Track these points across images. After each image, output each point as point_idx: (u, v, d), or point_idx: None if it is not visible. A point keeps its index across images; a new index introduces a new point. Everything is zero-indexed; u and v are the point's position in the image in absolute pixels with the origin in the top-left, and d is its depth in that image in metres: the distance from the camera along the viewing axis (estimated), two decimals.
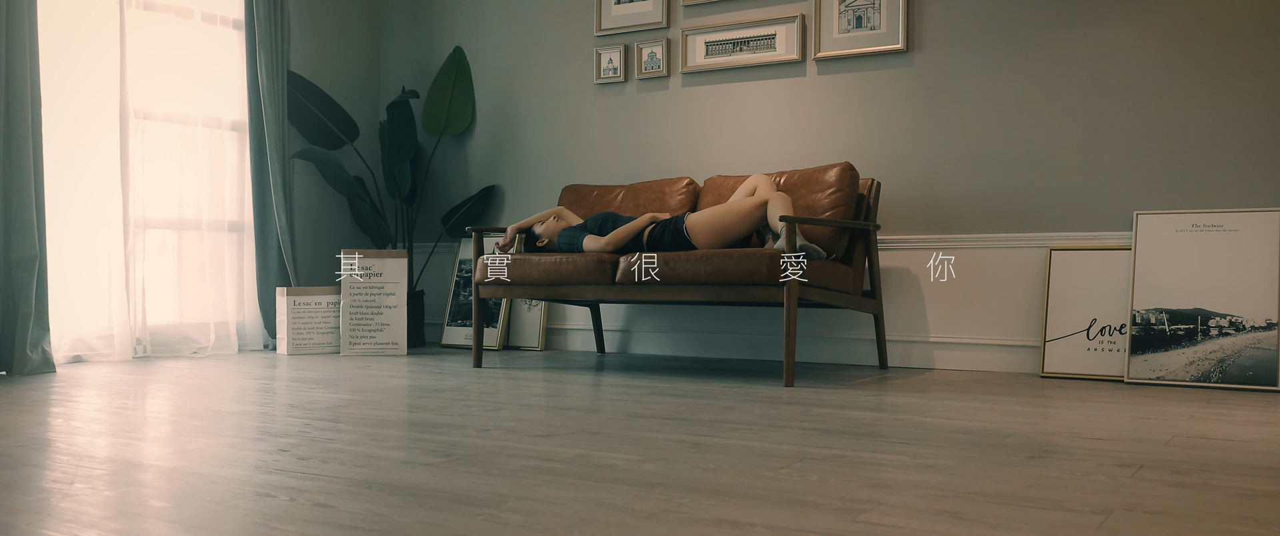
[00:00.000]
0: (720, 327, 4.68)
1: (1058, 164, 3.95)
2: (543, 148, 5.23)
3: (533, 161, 5.27)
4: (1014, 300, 4.02)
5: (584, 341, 5.08)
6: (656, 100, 4.88)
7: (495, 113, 5.40)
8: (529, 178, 5.28)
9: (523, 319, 5.18)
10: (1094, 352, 3.75)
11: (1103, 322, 3.76)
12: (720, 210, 3.87)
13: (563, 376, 3.84)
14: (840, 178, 4.01)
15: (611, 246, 3.97)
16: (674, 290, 3.72)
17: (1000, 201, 4.05)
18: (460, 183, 5.53)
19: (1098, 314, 3.77)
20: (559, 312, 5.17)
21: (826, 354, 4.41)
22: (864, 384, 3.61)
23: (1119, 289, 3.75)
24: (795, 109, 4.51)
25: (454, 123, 5.44)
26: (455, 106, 5.45)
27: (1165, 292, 3.64)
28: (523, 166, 5.30)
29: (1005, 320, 4.03)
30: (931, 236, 4.19)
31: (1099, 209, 3.87)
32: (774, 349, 4.54)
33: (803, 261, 3.53)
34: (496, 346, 5.11)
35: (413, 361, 4.48)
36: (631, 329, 4.94)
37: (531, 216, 4.38)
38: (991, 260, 4.06)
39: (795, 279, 3.49)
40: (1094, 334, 3.77)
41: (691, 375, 3.87)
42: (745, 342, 4.61)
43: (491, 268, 4.14)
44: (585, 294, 3.94)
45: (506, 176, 5.36)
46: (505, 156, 5.37)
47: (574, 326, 5.11)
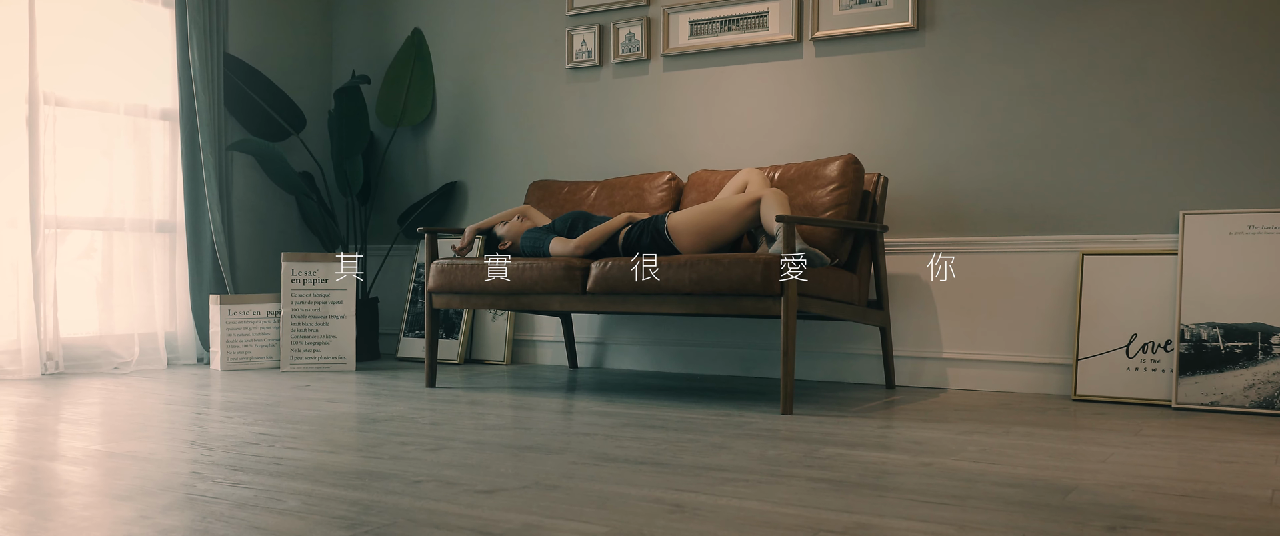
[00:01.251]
0: (706, 340, 4.19)
1: (1091, 157, 3.47)
2: (509, 140, 4.73)
3: (498, 155, 4.76)
4: (1040, 312, 3.54)
5: (555, 354, 4.58)
6: (635, 87, 4.38)
7: (457, 101, 4.89)
8: (494, 173, 4.77)
9: (487, 329, 4.67)
10: (1135, 373, 3.28)
11: (1145, 338, 3.28)
12: (706, 209, 3.38)
13: (526, 400, 3.33)
14: (843, 172, 3.52)
15: (582, 250, 3.47)
16: (653, 301, 3.22)
17: (1024, 199, 3.58)
18: (418, 178, 5.02)
19: (1138, 328, 3.30)
20: (527, 323, 4.67)
21: (825, 370, 3.92)
22: (872, 409, 3.13)
23: (1163, 300, 3.28)
24: (790, 95, 4.02)
25: (412, 112, 4.93)
26: (413, 94, 4.93)
27: (1218, 304, 3.16)
28: (487, 161, 4.79)
29: (1030, 335, 3.55)
30: (944, 239, 3.71)
31: (1139, 208, 3.40)
32: (767, 364, 4.05)
33: (802, 264, 3.03)
34: (457, 360, 4.59)
35: (360, 379, 3.96)
36: (607, 341, 4.44)
37: (493, 216, 3.88)
38: (1014, 266, 3.59)
39: (794, 289, 2.99)
40: (1134, 351, 3.29)
41: (674, 397, 3.38)
42: (734, 357, 4.11)
43: (446, 274, 3.63)
44: (552, 305, 3.43)
45: (469, 172, 4.85)
46: (468, 150, 4.86)
47: (544, 338, 4.61)
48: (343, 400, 3.32)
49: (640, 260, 3.21)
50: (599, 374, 4.18)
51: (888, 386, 3.71)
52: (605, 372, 4.23)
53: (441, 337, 4.68)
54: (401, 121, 4.92)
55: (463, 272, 3.59)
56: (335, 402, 3.25)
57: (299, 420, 2.87)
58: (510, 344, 4.60)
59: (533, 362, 4.63)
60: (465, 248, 3.81)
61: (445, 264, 3.65)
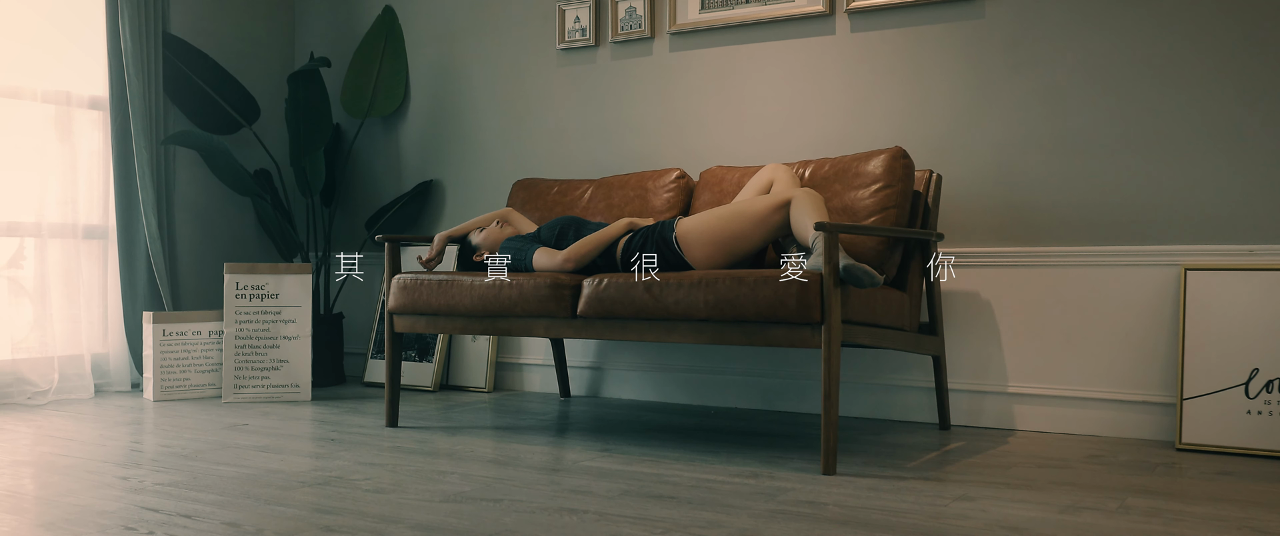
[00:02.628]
0: (720, 366, 3.56)
1: (1196, 150, 2.84)
2: (493, 133, 4.10)
3: (481, 150, 4.13)
4: (1129, 339, 2.91)
5: (545, 380, 3.96)
6: (637, 70, 3.75)
7: (434, 89, 4.27)
8: (475, 171, 4.15)
9: (467, 351, 4.05)
10: (1259, 417, 2.65)
11: (1270, 373, 2.65)
12: (725, 213, 2.76)
13: (505, 448, 2.71)
14: (890, 169, 2.89)
15: (572, 263, 2.84)
16: (659, 329, 2.60)
17: (1109, 202, 2.95)
18: (390, 177, 4.40)
19: (1260, 361, 2.67)
20: (513, 344, 4.05)
21: (864, 405, 3.29)
22: (933, 464, 2.50)
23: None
24: (820, 79, 3.39)
25: (382, 102, 4.31)
26: (384, 81, 4.31)
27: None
28: (468, 157, 4.17)
29: (1117, 367, 2.92)
30: (1008, 249, 3.08)
31: (1257, 213, 2.77)
32: (793, 396, 3.42)
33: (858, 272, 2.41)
34: (432, 386, 3.97)
35: (314, 413, 3.34)
36: (604, 366, 3.81)
37: (468, 221, 3.26)
38: (1097, 283, 2.96)
39: (837, 315, 2.37)
40: (1256, 390, 2.66)
41: (685, 445, 2.75)
42: (753, 387, 3.49)
43: (409, 292, 3.01)
44: (535, 330, 2.81)
45: (448, 169, 4.23)
46: (446, 144, 4.23)
47: (532, 361, 3.99)
48: (281, 447, 2.70)
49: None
50: (595, 405, 3.55)
51: (941, 426, 3.08)
52: (602, 404, 3.60)
53: (413, 359, 4.06)
54: (370, 112, 4.30)
55: (429, 290, 2.97)
56: (269, 453, 2.63)
57: (210, 485, 2.25)
58: (493, 367, 3.97)
59: (519, 390, 4.01)
60: (434, 259, 3.19)
61: (408, 279, 3.02)
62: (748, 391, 3.50)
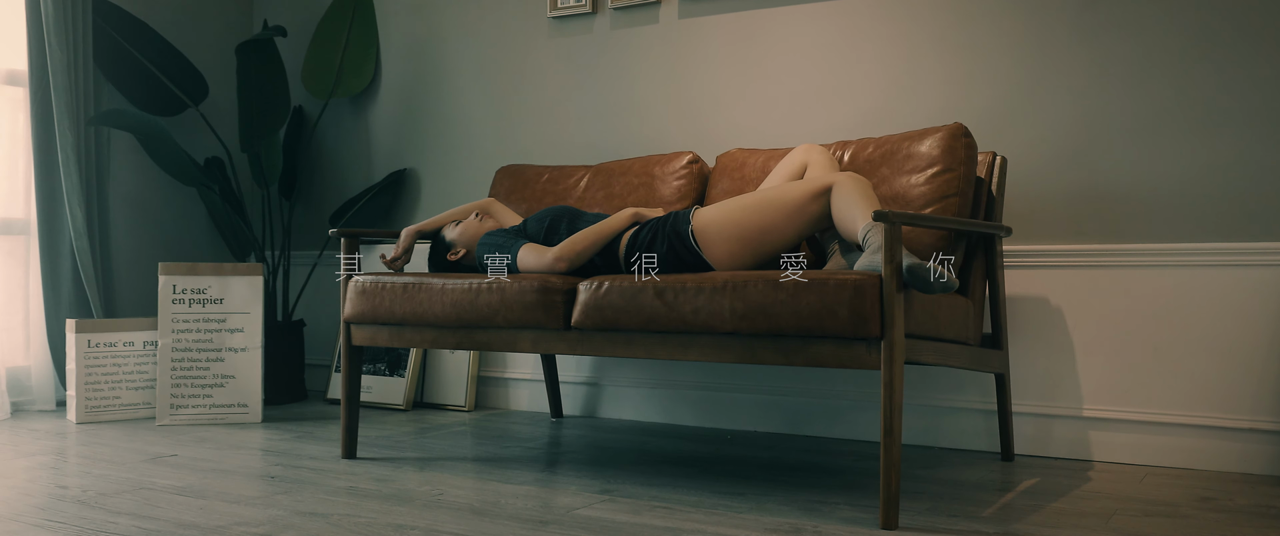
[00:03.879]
0: (736, 383, 3.06)
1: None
2: (475, 115, 3.60)
3: (461, 135, 3.63)
4: (1233, 354, 2.43)
5: (533, 397, 3.45)
6: (641, 40, 3.25)
7: (408, 66, 3.76)
8: (455, 158, 3.64)
9: (444, 364, 3.54)
10: None
11: None
12: (751, 202, 2.26)
13: (484, 485, 2.21)
14: (949, 150, 2.40)
15: (565, 262, 2.34)
16: (673, 344, 2.10)
17: (1207, 191, 2.46)
18: (358, 165, 3.89)
19: None
20: (497, 355, 3.54)
21: (910, 431, 2.80)
22: (1013, 512, 2.01)
23: None
24: (856, 47, 2.90)
25: (349, 80, 3.80)
26: (351, 57, 3.81)
27: None
28: (446, 142, 3.67)
29: (1217, 387, 2.44)
30: (1081, 247, 2.59)
31: None
32: (824, 418, 2.93)
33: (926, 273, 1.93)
34: (403, 404, 3.46)
35: (261, 439, 2.83)
36: (602, 381, 3.31)
37: (441, 214, 2.76)
38: (1191, 286, 2.47)
39: (900, 328, 1.88)
40: None
41: (701, 481, 2.25)
42: (775, 407, 2.99)
43: (369, 297, 2.51)
44: (520, 343, 2.31)
45: (423, 157, 3.72)
46: (421, 128, 3.73)
47: (518, 375, 3.48)
48: (206, 489, 2.19)
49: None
50: (591, 428, 3.05)
51: (1004, 457, 2.59)
52: (599, 427, 3.10)
53: (382, 373, 3.55)
54: (336, 92, 3.79)
55: (391, 294, 2.46)
56: (188, 498, 2.12)
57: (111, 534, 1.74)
58: (474, 382, 3.47)
59: (504, 408, 3.51)
60: (400, 258, 2.68)
61: (367, 283, 2.52)
62: (769, 412, 3.00)
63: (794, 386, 2.96)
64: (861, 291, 1.87)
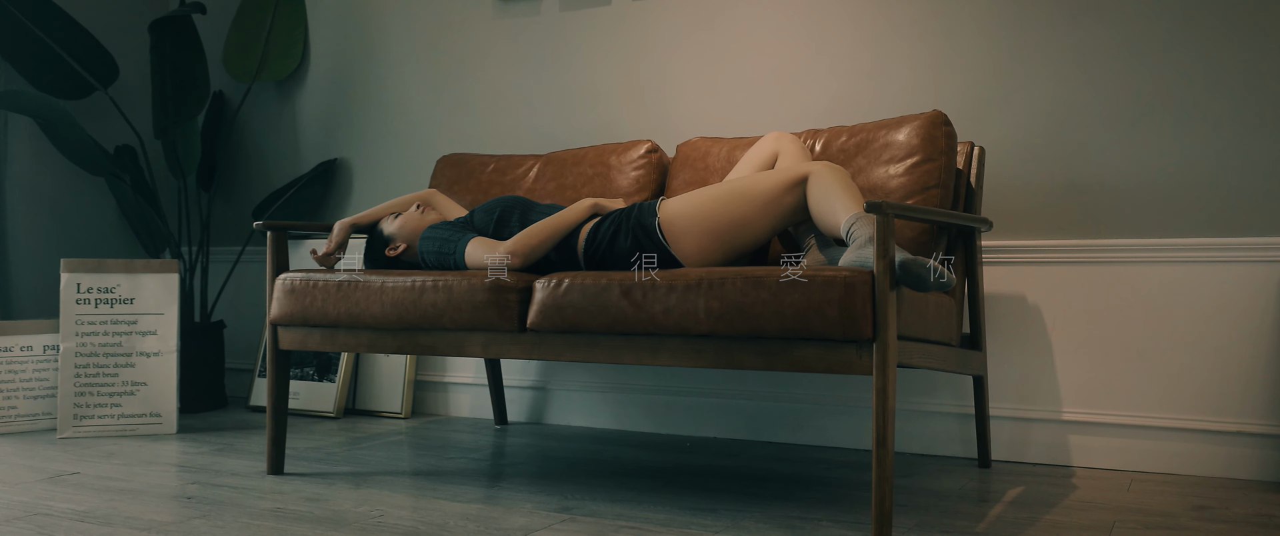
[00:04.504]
0: (694, 387, 2.89)
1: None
2: (414, 101, 3.36)
3: (398, 123, 3.39)
4: (1220, 354, 2.32)
5: (475, 402, 3.24)
6: (592, 22, 3.06)
7: (339, 49, 3.51)
8: (391, 147, 3.40)
9: (379, 367, 3.30)
10: None
11: None
12: (721, 194, 2.09)
13: (428, 504, 1.99)
14: (928, 139, 2.25)
15: (519, 258, 2.14)
16: (642, 347, 1.91)
17: (1192, 183, 2.36)
18: (285, 155, 3.62)
19: None
20: (434, 360, 3.32)
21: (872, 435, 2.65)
22: (1007, 525, 1.86)
23: None
24: (822, 32, 2.74)
25: (275, 63, 3.54)
26: (277, 38, 3.54)
27: None
28: (382, 130, 3.42)
29: (1204, 389, 2.33)
30: (1061, 242, 2.47)
31: None
32: (789, 425, 2.76)
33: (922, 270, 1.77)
34: (334, 412, 3.22)
35: (177, 453, 2.57)
36: (550, 385, 3.11)
37: (378, 206, 2.53)
38: (1176, 284, 2.36)
39: (893, 329, 1.72)
40: None
41: (668, 495, 2.07)
42: (734, 412, 2.82)
43: (298, 297, 2.27)
44: (469, 347, 2.10)
45: (356, 146, 3.47)
46: (354, 116, 3.48)
47: (459, 379, 3.26)
48: (112, 513, 1.94)
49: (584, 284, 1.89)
50: (540, 436, 2.85)
51: (981, 463, 2.46)
52: (549, 434, 2.90)
53: (311, 378, 3.30)
54: (260, 75, 3.52)
55: (324, 293, 2.23)
56: (91, 524, 1.87)
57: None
58: (411, 388, 3.24)
59: (443, 415, 3.28)
60: (334, 253, 2.45)
61: (297, 280, 2.28)
62: (729, 418, 2.83)
63: (755, 390, 2.80)
64: (852, 289, 1.71)
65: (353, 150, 3.48)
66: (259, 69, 3.52)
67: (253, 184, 3.68)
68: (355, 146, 3.47)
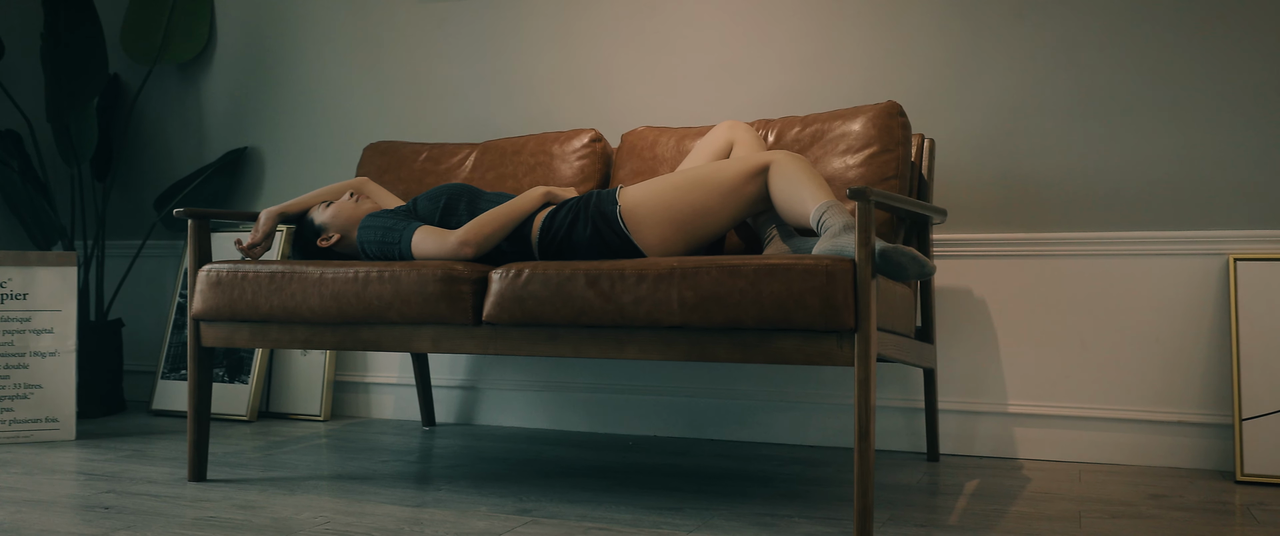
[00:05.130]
0: (630, 385, 2.81)
1: (1241, 117, 2.33)
2: (332, 86, 3.19)
3: (314, 109, 3.22)
4: (1162, 345, 2.37)
5: (399, 404, 3.09)
6: (526, 6, 2.95)
7: (249, 28, 3.31)
8: (306, 135, 3.22)
9: (294, 368, 3.12)
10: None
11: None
12: (682, 182, 2.02)
13: (372, 509, 1.86)
14: (885, 129, 2.23)
15: (471, 247, 2.03)
16: (610, 340, 1.83)
17: (1136, 178, 2.39)
18: (189, 142, 3.40)
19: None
20: (355, 357, 3.15)
21: (821, 432, 2.62)
22: (978, 518, 1.85)
23: None
24: (769, 22, 2.70)
25: (178, 45, 3.31)
26: (180, 17, 3.32)
27: None
28: (296, 117, 3.24)
29: (1147, 380, 2.37)
30: (1006, 236, 2.49)
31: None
32: (728, 420, 2.71)
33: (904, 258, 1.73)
34: (248, 415, 3.03)
35: (79, 461, 2.36)
36: (480, 384, 2.99)
37: (308, 194, 2.38)
38: (1120, 277, 2.40)
39: (872, 320, 1.67)
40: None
41: (626, 494, 1.98)
42: (675, 410, 2.76)
43: (225, 290, 2.11)
44: (418, 342, 1.98)
45: (267, 133, 3.28)
46: (265, 101, 3.29)
47: (382, 378, 3.11)
48: (22, 527, 1.75)
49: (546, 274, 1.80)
50: (473, 437, 2.73)
51: (929, 457, 2.45)
52: (482, 435, 2.78)
53: (222, 380, 3.10)
54: (161, 57, 3.30)
55: (256, 286, 2.07)
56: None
57: None
58: (330, 389, 3.07)
59: (365, 417, 3.12)
60: (260, 244, 2.29)
61: (224, 272, 2.12)
62: (670, 416, 2.76)
63: (697, 387, 2.74)
64: (834, 278, 1.66)
65: (264, 138, 3.28)
66: (161, 50, 3.30)
67: (153, 173, 3.44)
68: (267, 134, 3.28)
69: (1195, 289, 2.34)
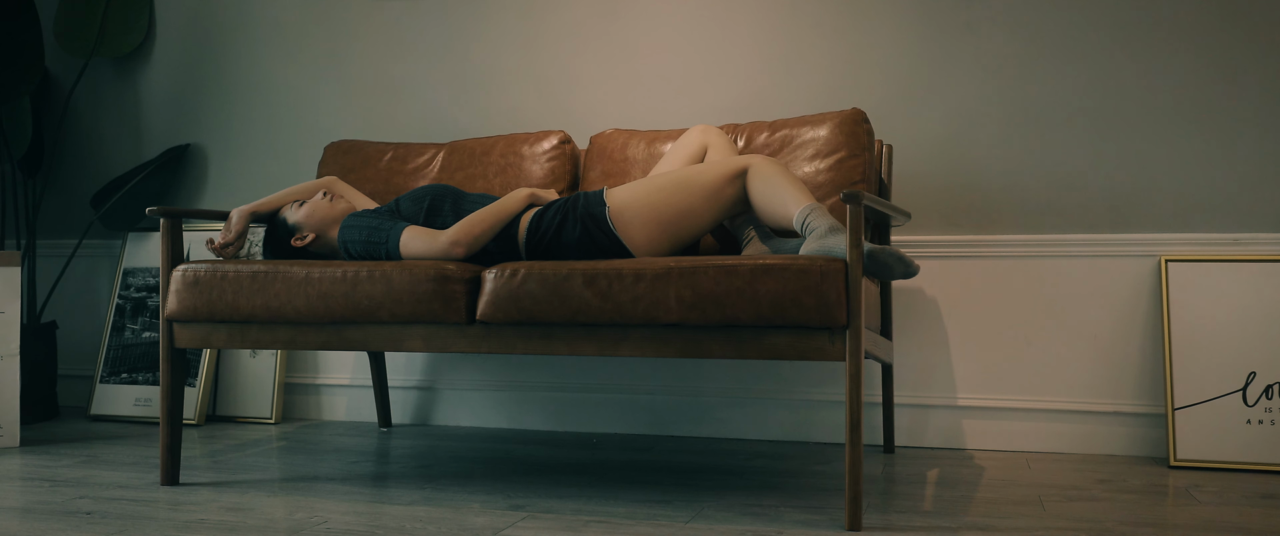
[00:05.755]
0: (588, 383, 2.86)
1: (1172, 129, 2.51)
2: (279, 82, 3.15)
3: (260, 106, 3.17)
4: (1100, 341, 2.53)
5: (352, 405, 3.07)
6: (485, 7, 2.97)
7: (190, 25, 3.25)
8: (252, 133, 3.17)
9: (242, 370, 3.07)
10: (1260, 428, 2.33)
11: (1268, 377, 2.35)
12: (666, 185, 2.08)
13: (367, 507, 1.87)
14: (851, 135, 2.33)
15: (463, 247, 2.05)
16: (606, 338, 1.88)
17: (1075, 185, 2.56)
18: (126, 139, 3.31)
19: (1257, 365, 2.36)
20: (307, 360, 3.12)
21: (780, 427, 2.72)
22: (951, 504, 1.96)
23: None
24: (731, 31, 2.79)
25: (114, 38, 3.23)
26: (116, 10, 3.23)
27: None
28: (240, 115, 3.19)
29: (1087, 373, 2.54)
30: (956, 238, 2.62)
31: (1239, 198, 2.47)
32: (689, 418, 2.78)
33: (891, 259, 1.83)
34: (196, 419, 2.97)
35: (33, 468, 2.29)
36: (437, 384, 2.99)
37: (277, 193, 2.36)
38: (1060, 277, 2.56)
39: (860, 317, 1.77)
40: (1255, 397, 2.35)
41: (607, 489, 2.03)
42: (634, 408, 2.82)
43: (203, 289, 2.08)
44: (407, 341, 1.99)
45: (210, 131, 3.22)
46: (208, 97, 3.22)
47: (333, 380, 3.08)
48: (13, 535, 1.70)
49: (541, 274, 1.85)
50: (436, 437, 2.73)
51: (886, 449, 2.57)
52: (443, 436, 2.79)
53: None
54: (98, 51, 3.20)
55: (235, 287, 2.05)
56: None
57: None
58: (280, 391, 3.03)
59: (315, 419, 3.09)
60: (233, 244, 2.26)
61: (202, 271, 2.09)
62: (629, 414, 2.82)
63: (654, 385, 2.80)
64: (828, 277, 1.75)
65: (206, 135, 3.22)
66: (96, 45, 3.20)
67: (87, 171, 3.34)
68: (210, 132, 3.21)
69: (1130, 288, 2.51)
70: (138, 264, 3.18)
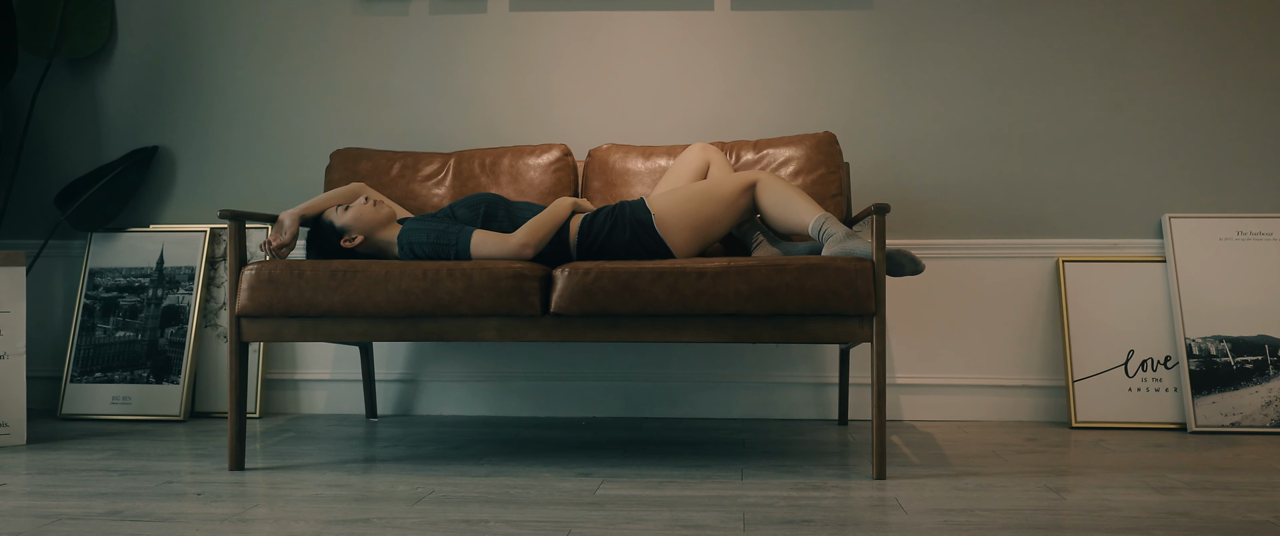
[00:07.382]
0: (569, 371, 3.15)
1: (1066, 151, 3.07)
2: (253, 88, 3.26)
3: (233, 108, 3.27)
4: (1011, 327, 3.06)
5: (332, 398, 3.22)
6: (467, 29, 3.20)
7: (154, 27, 3.30)
8: (225, 137, 3.27)
9: (222, 367, 3.16)
10: (1139, 394, 2.91)
11: (1144, 354, 2.94)
12: (695, 194, 2.43)
13: (462, 479, 2.11)
14: (826, 155, 2.75)
15: (531, 248, 2.32)
16: (669, 327, 2.20)
17: (991, 197, 3.08)
18: (88, 140, 3.32)
19: (1135, 344, 2.94)
20: (285, 356, 3.24)
21: (748, 405, 3.11)
22: (931, 461, 2.40)
23: (1155, 312, 2.96)
24: (700, 57, 3.15)
25: (77, 39, 3.24)
26: (78, 11, 3.24)
27: (1221, 316, 2.91)
28: (213, 116, 3.27)
29: (1001, 354, 3.06)
30: (898, 242, 3.09)
31: (1119, 210, 3.05)
32: (661, 401, 3.13)
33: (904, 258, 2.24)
34: (180, 415, 3.05)
35: (73, 460, 2.36)
36: (420, 376, 3.20)
37: (317, 198, 2.53)
38: (980, 274, 3.07)
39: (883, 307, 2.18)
40: (1134, 369, 2.93)
41: (638, 460, 2.35)
42: (614, 393, 3.13)
43: (278, 288, 2.25)
44: (483, 332, 2.24)
45: (177, 132, 3.29)
46: (176, 98, 3.29)
47: (314, 375, 3.23)
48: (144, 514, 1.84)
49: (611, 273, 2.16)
50: (412, 429, 2.95)
51: (840, 422, 3.00)
52: (420, 428, 3.01)
53: (145, 381, 3.09)
54: (59, 51, 3.21)
55: (313, 284, 2.24)
56: (148, 522, 1.78)
57: None
58: (262, 385, 3.15)
59: (296, 412, 3.23)
60: (287, 245, 2.43)
61: (278, 271, 2.26)
62: (606, 398, 3.13)
63: (629, 371, 3.12)
64: (860, 274, 2.14)
65: (173, 137, 3.28)
66: (57, 45, 3.21)
67: (51, 170, 3.31)
68: (176, 132, 3.28)
69: (1035, 283, 3.06)
70: (105, 264, 3.21)
